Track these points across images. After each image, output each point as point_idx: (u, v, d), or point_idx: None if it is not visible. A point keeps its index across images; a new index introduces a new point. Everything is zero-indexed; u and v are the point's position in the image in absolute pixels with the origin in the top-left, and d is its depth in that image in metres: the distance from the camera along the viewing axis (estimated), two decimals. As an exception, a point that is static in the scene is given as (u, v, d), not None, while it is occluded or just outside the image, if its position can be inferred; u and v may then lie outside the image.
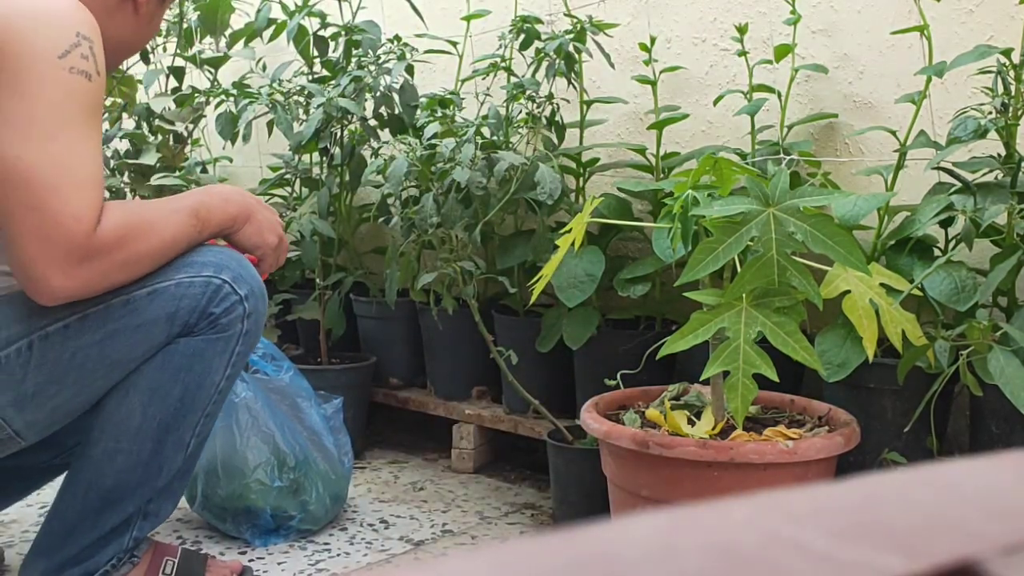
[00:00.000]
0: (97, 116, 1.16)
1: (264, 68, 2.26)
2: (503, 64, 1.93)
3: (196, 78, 2.56)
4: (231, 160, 2.66)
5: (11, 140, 1.08)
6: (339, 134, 2.05)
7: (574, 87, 1.88)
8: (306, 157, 2.22)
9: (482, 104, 1.93)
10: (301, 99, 2.03)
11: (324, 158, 2.10)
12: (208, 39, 2.42)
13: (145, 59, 2.38)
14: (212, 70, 2.41)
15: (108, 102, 2.39)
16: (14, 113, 1.08)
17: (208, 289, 1.23)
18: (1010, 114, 1.37)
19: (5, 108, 1.08)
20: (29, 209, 1.07)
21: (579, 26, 1.81)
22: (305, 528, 1.64)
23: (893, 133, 1.55)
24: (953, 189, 1.43)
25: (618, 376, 1.50)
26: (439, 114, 1.82)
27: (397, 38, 2.04)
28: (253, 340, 1.30)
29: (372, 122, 2.09)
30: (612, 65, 1.84)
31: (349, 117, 1.99)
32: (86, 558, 1.27)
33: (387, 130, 2.12)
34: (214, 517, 1.64)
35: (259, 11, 2.27)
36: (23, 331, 1.17)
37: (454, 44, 2.11)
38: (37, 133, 1.08)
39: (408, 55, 2.02)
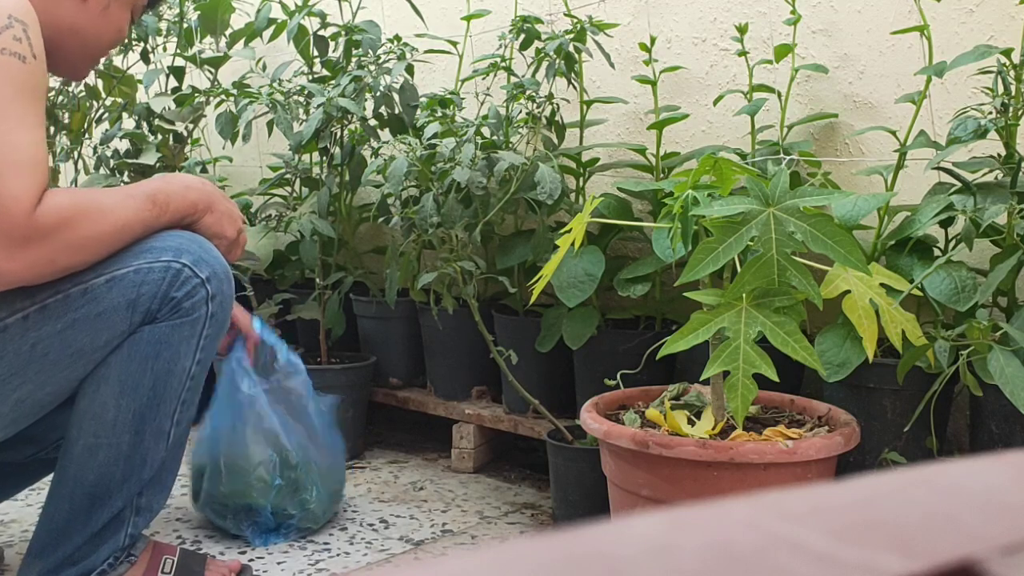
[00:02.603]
0: (37, 99, 1.15)
1: (264, 68, 2.26)
2: (503, 64, 1.93)
3: (196, 78, 2.56)
4: (231, 160, 2.66)
5: None
6: (339, 134, 2.05)
7: (574, 87, 1.88)
8: (306, 157, 2.22)
9: (482, 104, 1.93)
10: (301, 99, 2.03)
11: (324, 158, 2.10)
12: (208, 39, 2.42)
13: (145, 59, 2.38)
14: (212, 70, 2.41)
15: (108, 101, 2.40)
16: None
17: (168, 274, 1.22)
18: (1010, 114, 1.37)
19: None
20: None
21: (579, 26, 1.81)
22: (305, 527, 1.64)
23: (893, 133, 1.55)
24: (953, 189, 1.43)
25: (618, 376, 1.50)
26: (439, 114, 1.82)
27: (397, 38, 2.04)
28: (221, 322, 1.29)
29: (372, 122, 2.09)
30: (612, 65, 1.84)
31: (349, 117, 1.99)
32: (82, 557, 1.27)
33: (387, 130, 2.12)
34: (215, 515, 1.64)
35: (259, 11, 2.27)
36: None
37: (454, 44, 2.11)
38: None
39: (408, 55, 2.02)
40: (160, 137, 2.29)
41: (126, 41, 2.34)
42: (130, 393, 1.24)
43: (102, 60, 1.54)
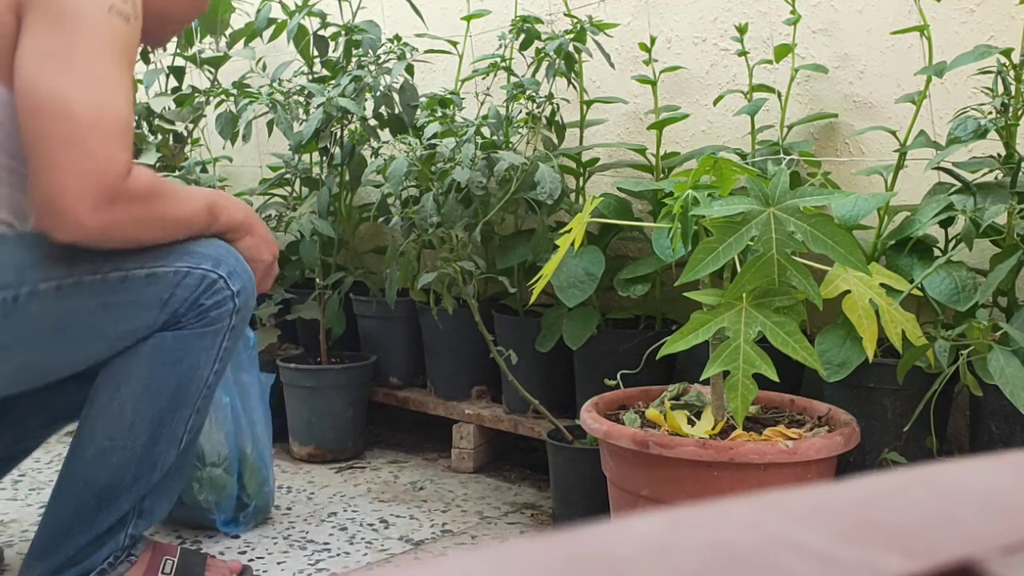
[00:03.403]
0: (131, 61, 1.18)
1: (264, 68, 2.26)
2: (503, 64, 1.93)
3: (196, 78, 2.56)
4: (231, 160, 2.66)
5: (52, 73, 1.09)
6: (339, 134, 2.05)
7: (574, 87, 1.88)
8: (306, 157, 2.22)
9: (482, 104, 1.93)
10: (301, 99, 2.03)
11: (324, 158, 2.10)
12: (208, 39, 2.42)
13: (145, 59, 2.38)
14: (212, 70, 2.41)
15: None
16: (55, 48, 1.09)
17: (204, 282, 1.24)
18: (1010, 114, 1.37)
19: (46, 43, 1.09)
20: (66, 143, 1.08)
21: (579, 26, 1.81)
22: (261, 516, 1.68)
23: (893, 133, 1.55)
24: (953, 189, 1.43)
25: (618, 376, 1.50)
26: (439, 114, 1.82)
27: (397, 38, 2.04)
28: (239, 336, 1.31)
29: (372, 122, 2.09)
30: (612, 65, 1.84)
31: (349, 117, 1.99)
32: (83, 558, 1.26)
33: (387, 130, 2.12)
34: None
35: (259, 11, 2.27)
36: (13, 280, 1.16)
37: (454, 44, 2.11)
38: (77, 68, 1.09)
39: (408, 55, 2.02)
40: (160, 137, 2.29)
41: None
42: (151, 396, 1.24)
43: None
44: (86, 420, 1.26)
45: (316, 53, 2.19)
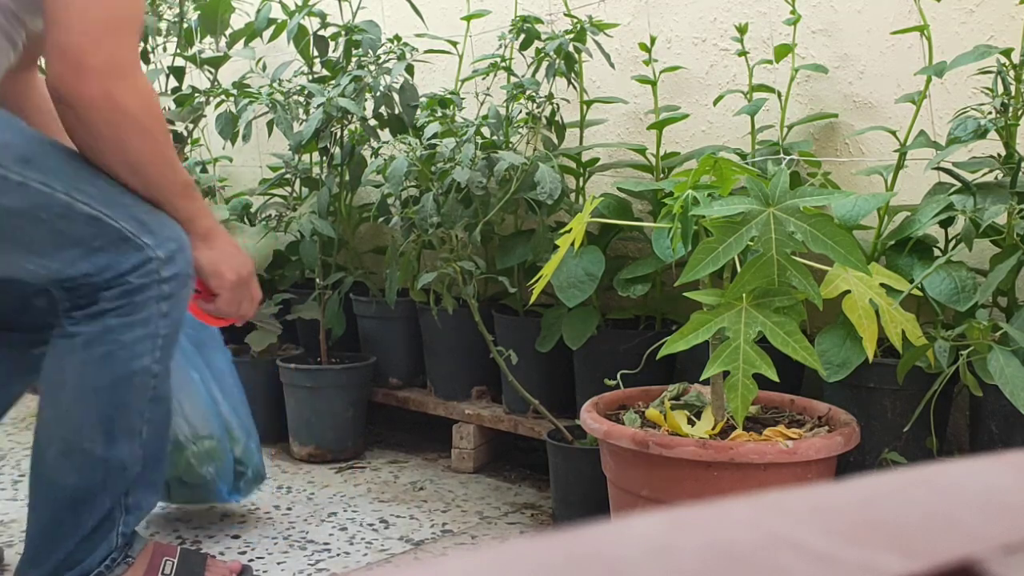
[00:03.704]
0: None
1: (264, 68, 2.26)
2: (503, 64, 1.93)
3: (196, 78, 2.56)
4: (231, 160, 2.66)
5: None
6: (339, 134, 2.04)
7: (574, 87, 1.88)
8: (306, 157, 2.22)
9: (482, 104, 1.93)
10: (301, 99, 2.03)
11: (324, 158, 2.10)
12: (208, 39, 2.42)
13: (145, 59, 2.38)
14: (212, 70, 2.41)
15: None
16: None
17: (137, 256, 1.19)
18: (1010, 114, 1.37)
19: None
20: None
21: (579, 26, 1.81)
22: (258, 481, 1.68)
23: (893, 133, 1.55)
24: (953, 189, 1.43)
25: (618, 376, 1.50)
26: (439, 114, 1.82)
27: (397, 38, 2.04)
28: (177, 322, 1.25)
29: (372, 122, 2.09)
30: (612, 65, 1.84)
31: (349, 117, 1.99)
32: (78, 560, 1.25)
33: (387, 130, 2.12)
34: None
35: (259, 11, 2.27)
36: None
37: (454, 44, 2.11)
38: None
39: (408, 55, 2.02)
40: (160, 137, 2.28)
41: None
42: (91, 397, 1.21)
43: None
44: (39, 424, 1.24)
45: (316, 53, 2.19)
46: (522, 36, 1.87)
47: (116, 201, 1.20)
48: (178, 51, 2.42)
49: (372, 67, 2.01)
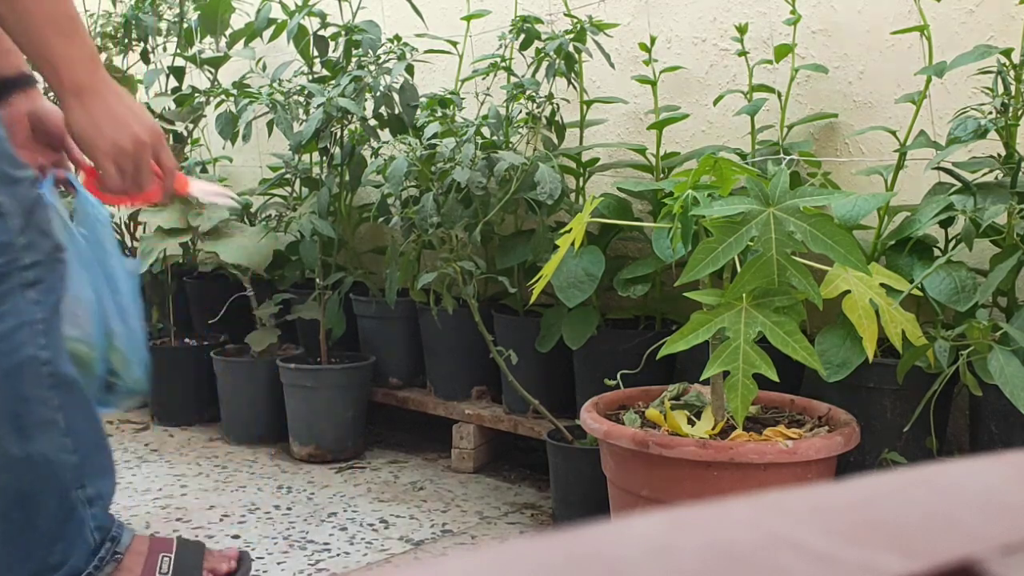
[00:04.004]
0: None
1: (264, 68, 2.26)
2: (503, 64, 1.93)
3: (196, 78, 2.56)
4: (231, 160, 2.66)
5: None
6: (339, 134, 2.05)
7: (574, 87, 1.88)
8: (306, 157, 2.22)
9: (482, 104, 1.93)
10: (301, 99, 2.03)
11: (324, 158, 2.10)
12: (208, 39, 2.42)
13: (145, 59, 2.38)
14: (212, 70, 2.41)
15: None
16: None
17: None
18: (1010, 114, 1.37)
19: None
20: None
21: (579, 26, 1.81)
22: (133, 396, 1.46)
23: (893, 133, 1.55)
24: (953, 189, 1.43)
25: (618, 376, 1.50)
26: (439, 114, 1.82)
27: (397, 38, 2.04)
28: (52, 305, 1.13)
29: (372, 122, 2.09)
30: (612, 65, 1.84)
31: (349, 117, 1.99)
32: (58, 564, 1.18)
33: (387, 130, 2.12)
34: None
35: (259, 11, 2.27)
36: None
37: (454, 44, 2.11)
38: None
39: (408, 55, 2.02)
40: (160, 137, 2.29)
41: (126, 41, 2.34)
42: None
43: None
44: None
45: (316, 53, 2.20)
46: (522, 36, 1.87)
47: None
48: (178, 51, 2.42)
49: (372, 67, 2.01)
